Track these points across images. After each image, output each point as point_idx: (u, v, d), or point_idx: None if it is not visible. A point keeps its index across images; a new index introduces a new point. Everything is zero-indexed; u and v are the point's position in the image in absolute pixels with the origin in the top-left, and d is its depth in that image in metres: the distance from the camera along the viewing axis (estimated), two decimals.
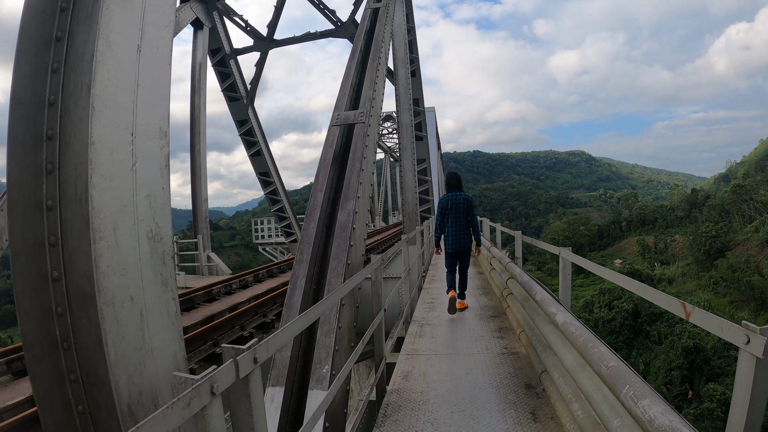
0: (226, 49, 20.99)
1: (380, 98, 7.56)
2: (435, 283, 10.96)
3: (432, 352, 5.75)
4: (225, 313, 10.91)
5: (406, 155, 14.09)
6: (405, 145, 14.19)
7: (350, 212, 5.33)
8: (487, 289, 9.87)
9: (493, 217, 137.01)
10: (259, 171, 22.82)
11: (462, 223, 7.32)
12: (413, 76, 17.85)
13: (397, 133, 14.50)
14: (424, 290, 10.17)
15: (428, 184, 19.75)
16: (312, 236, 5.36)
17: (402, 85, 14.70)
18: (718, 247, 68.21)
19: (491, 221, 21.71)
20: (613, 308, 57.69)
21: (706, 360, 43.62)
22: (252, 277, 15.30)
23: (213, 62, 21.34)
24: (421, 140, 18.92)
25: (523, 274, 6.32)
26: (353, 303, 5.19)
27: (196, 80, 19.68)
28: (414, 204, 13.94)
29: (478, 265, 13.19)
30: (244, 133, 22.08)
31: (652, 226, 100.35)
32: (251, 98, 21.59)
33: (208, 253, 18.75)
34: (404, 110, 14.50)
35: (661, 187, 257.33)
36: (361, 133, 6.18)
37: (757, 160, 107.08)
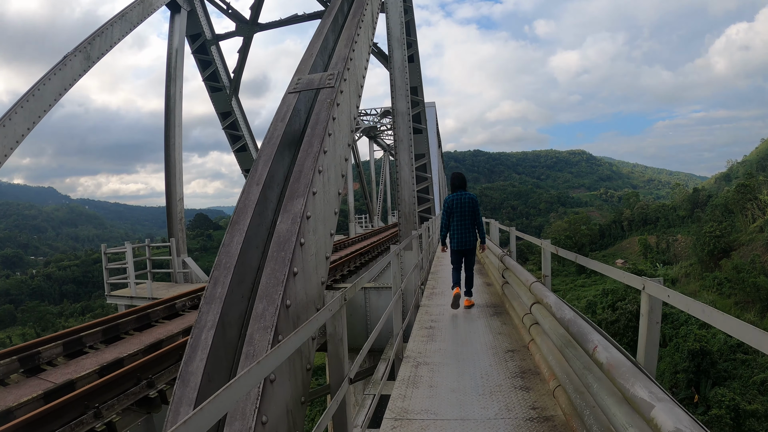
0: (206, 35, 18.97)
1: (362, 64, 5.56)
2: (435, 297, 8.93)
3: (431, 414, 3.98)
4: (178, 336, 8.88)
5: (403, 147, 12.07)
6: (401, 136, 12.18)
7: (296, 217, 3.29)
8: (499, 307, 7.84)
9: (493, 216, 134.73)
10: (245, 168, 20.77)
11: (467, 222, 7.42)
12: (411, 62, 15.84)
13: (392, 123, 12.46)
14: (422, 309, 8.13)
15: (428, 181, 17.73)
16: (234, 257, 3.29)
17: (397, 68, 12.69)
18: (722, 247, 66.35)
19: (487, 220, 19.85)
20: (617, 309, 55.87)
21: (713, 363, 41.94)
22: None
23: (193, 49, 19.32)
24: (420, 133, 16.92)
25: (561, 306, 4.31)
26: (297, 371, 3.13)
27: (171, 68, 17.63)
28: (411, 203, 11.93)
29: (486, 274, 11.19)
30: (227, 126, 20.05)
31: (653, 226, 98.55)
32: (235, 88, 19.57)
33: (184, 258, 16.73)
34: (400, 96, 12.47)
35: (662, 186, 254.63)
36: (327, 101, 4.16)
37: (758, 160, 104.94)
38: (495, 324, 6.82)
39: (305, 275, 3.29)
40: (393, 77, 12.68)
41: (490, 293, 8.98)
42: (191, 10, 18.28)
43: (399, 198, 12.06)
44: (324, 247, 3.76)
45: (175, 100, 17.42)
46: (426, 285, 10.35)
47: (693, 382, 41.84)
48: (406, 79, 12.64)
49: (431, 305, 8.29)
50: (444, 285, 9.99)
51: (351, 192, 34.95)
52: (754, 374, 39.85)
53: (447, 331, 6.62)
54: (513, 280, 7.04)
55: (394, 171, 40.86)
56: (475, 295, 8.59)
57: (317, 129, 3.88)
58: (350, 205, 34.48)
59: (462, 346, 5.92)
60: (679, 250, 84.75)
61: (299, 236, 3.20)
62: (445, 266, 12.55)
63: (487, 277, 10.62)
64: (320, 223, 3.59)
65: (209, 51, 19.17)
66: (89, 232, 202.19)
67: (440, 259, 13.89)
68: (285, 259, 3.07)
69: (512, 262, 7.71)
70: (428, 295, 9.09)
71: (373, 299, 12.56)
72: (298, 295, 3.15)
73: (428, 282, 10.56)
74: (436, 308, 8.05)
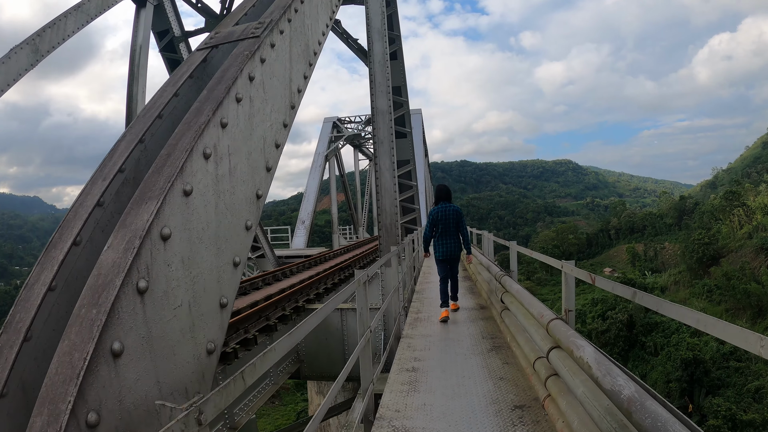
0: (175, 31, 17.38)
1: (317, 25, 4.06)
2: (421, 325, 7.34)
3: None
4: None
5: (383, 150, 10.58)
6: (381, 137, 10.68)
7: (135, 238, 1.75)
8: (497, 338, 6.25)
9: (480, 226, 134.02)
10: None
11: (452, 233, 7.57)
12: (394, 59, 14.42)
13: (372, 123, 10.97)
14: (404, 341, 6.56)
15: (413, 190, 16.23)
16: (31, 312, 1.72)
17: (378, 62, 11.23)
18: (711, 254, 65.83)
19: (478, 230, 18.17)
20: (607, 319, 54.92)
21: (706, 372, 41.09)
22: None
23: (160, 47, 17.73)
24: (405, 138, 15.44)
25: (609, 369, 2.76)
26: None
27: (135, 66, 16.03)
28: (393, 213, 10.42)
29: (478, 294, 9.67)
30: None
31: (641, 234, 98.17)
32: None
33: None
34: (380, 94, 11.00)
35: (647, 194, 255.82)
36: (245, 53, 2.65)
37: (743, 167, 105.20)
38: (494, 364, 5.27)
39: (149, 352, 1.73)
40: (373, 72, 11.21)
41: (485, 318, 7.44)
42: (158, 4, 16.71)
43: (379, 208, 10.54)
44: (212, 292, 2.18)
45: (137, 101, 15.81)
46: (410, 307, 8.82)
47: (686, 391, 40.92)
48: (388, 74, 11.16)
49: (415, 335, 6.73)
50: (431, 308, 8.47)
51: (334, 203, 33.49)
52: (748, 382, 38.98)
53: (434, 375, 5.06)
54: (517, 309, 5.50)
55: None
56: (468, 322, 7.28)
57: (216, 91, 2.37)
58: (334, 216, 32.97)
59: (453, 399, 4.35)
60: (666, 257, 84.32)
61: (134, 275, 1.67)
62: (433, 283, 11.01)
63: (480, 297, 9.10)
64: (203, 246, 2.06)
65: (178, 49, 17.58)
66: None
67: (427, 275, 12.38)
68: (95, 322, 1.53)
69: (516, 285, 6.14)
70: (412, 322, 7.53)
71: (351, 321, 11.01)
72: (124, 398, 1.59)
73: (413, 304, 9.03)
74: (421, 340, 6.49)
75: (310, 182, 27.79)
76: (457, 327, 7.06)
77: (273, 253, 21.14)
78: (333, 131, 32.02)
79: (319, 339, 11.35)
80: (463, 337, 6.45)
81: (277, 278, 15.48)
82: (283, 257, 22.13)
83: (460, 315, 7.74)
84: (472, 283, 10.76)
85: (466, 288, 10.35)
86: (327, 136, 31.21)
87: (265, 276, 15.08)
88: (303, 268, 17.94)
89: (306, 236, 25.75)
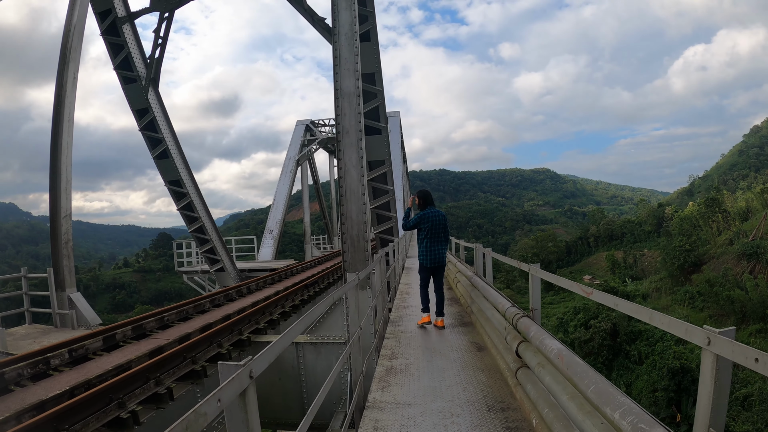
0: (118, 11, 14.90)
1: None
2: (395, 384, 5.00)
3: None
4: None
5: (349, 142, 8.27)
6: (347, 126, 8.38)
7: None
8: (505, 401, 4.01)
9: (459, 235, 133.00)
10: (168, 179, 16.62)
11: (440, 239, 7.11)
12: (366, 40, 12.17)
13: (335, 109, 8.55)
14: (369, 416, 4.24)
15: (389, 195, 13.92)
16: None
17: (344, 33, 8.94)
18: (692, 261, 65.05)
19: (456, 239, 16.17)
20: (590, 328, 53.37)
21: (693, 380, 39.74)
22: (129, 330, 9.19)
23: (102, 30, 15.23)
24: (379, 134, 13.17)
25: None
26: None
27: (67, 50, 13.53)
28: (361, 221, 8.09)
29: (476, 331, 7.41)
30: (144, 126, 15.92)
31: (619, 241, 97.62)
32: (152, 78, 15.51)
33: (70, 293, 12.45)
34: (347, 73, 8.70)
35: (625, 202, 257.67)
36: None
37: (719, 175, 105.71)
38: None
39: None
40: (338, 47, 8.91)
41: (488, 371, 5.17)
42: None
43: (343, 215, 8.20)
44: None
45: (67, 91, 13.29)
46: (383, 345, 6.50)
47: (673, 400, 39.63)
48: (356, 49, 8.86)
49: (386, 406, 4.39)
50: (409, 349, 6.18)
51: (307, 212, 30.97)
52: (735, 390, 37.69)
53: None
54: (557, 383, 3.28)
55: None
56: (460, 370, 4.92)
57: None
58: (306, 225, 30.34)
59: None
60: (646, 264, 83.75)
61: None
62: (413, 307, 8.72)
63: (476, 335, 6.83)
64: None
65: (121, 32, 15.10)
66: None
67: (405, 296, 10.05)
68: None
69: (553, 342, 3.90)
70: (382, 377, 5.19)
71: (310, 358, 8.64)
72: None
73: (386, 341, 6.68)
74: (393, 414, 4.17)
75: (280, 188, 25.29)
76: (445, 379, 4.81)
77: (234, 267, 18.63)
78: (306, 135, 29.57)
79: (272, 379, 9.01)
80: (459, 404, 4.14)
81: (230, 298, 13.02)
82: (246, 270, 19.62)
83: (450, 365, 5.46)
84: (462, 309, 8.47)
85: (449, 300, 8.13)
86: (299, 140, 28.75)
87: (215, 296, 12.60)
88: (264, 284, 15.48)
89: (274, 247, 23.27)
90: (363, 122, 8.51)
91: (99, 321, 12.39)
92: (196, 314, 11.29)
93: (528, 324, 3.77)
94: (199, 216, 16.93)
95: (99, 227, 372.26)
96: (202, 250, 17.85)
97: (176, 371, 7.13)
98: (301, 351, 8.49)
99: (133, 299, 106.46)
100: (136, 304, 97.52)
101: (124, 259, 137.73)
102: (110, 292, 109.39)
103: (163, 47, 15.31)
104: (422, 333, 7.03)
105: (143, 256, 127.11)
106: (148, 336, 9.69)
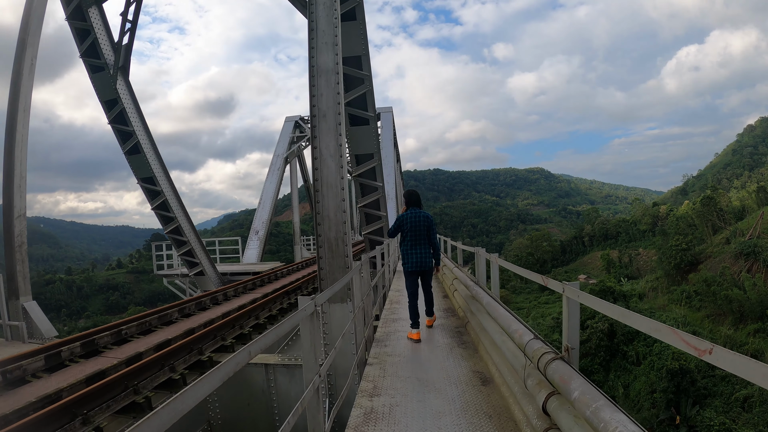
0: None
1: None
2: (381, 406, 3.76)
3: None
4: None
5: (326, 126, 6.90)
6: (323, 108, 7.00)
7: None
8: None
9: (454, 235, 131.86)
10: (141, 176, 15.25)
11: (423, 242, 6.66)
12: (352, 19, 10.85)
13: (310, 89, 7.16)
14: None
15: (379, 192, 12.60)
16: None
17: (322, 3, 7.63)
18: (688, 260, 64.11)
19: (452, 239, 14.99)
20: (588, 328, 52.44)
21: (693, 381, 38.82)
22: (78, 347, 7.86)
23: (67, 14, 13.86)
24: (367, 124, 11.86)
25: None
26: None
27: (26, 34, 12.16)
28: (340, 222, 6.74)
29: (477, 356, 6.13)
30: (114, 119, 14.55)
31: (614, 241, 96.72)
32: (121, 66, 14.14)
33: (24, 302, 11.06)
34: (324, 47, 7.37)
35: (619, 201, 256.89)
36: None
37: (713, 174, 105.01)
38: None
39: None
40: (315, 17, 7.56)
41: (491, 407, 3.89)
42: None
43: (319, 214, 6.82)
44: None
45: (25, 76, 11.93)
46: (364, 375, 5.19)
47: (673, 401, 38.68)
48: (336, 20, 7.51)
49: None
50: (397, 381, 4.88)
51: (296, 211, 29.56)
52: (735, 391, 36.75)
53: None
54: None
55: (350, 186, 35.71)
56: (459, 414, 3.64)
57: None
58: (296, 225, 28.81)
59: None
60: (641, 263, 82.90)
61: None
62: (403, 321, 7.42)
63: (478, 361, 5.55)
64: None
65: (87, 16, 13.72)
66: (43, 251, 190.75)
67: (395, 307, 8.75)
68: None
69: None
70: (358, 427, 3.90)
71: (282, 381, 7.32)
72: None
73: (368, 369, 5.36)
74: None
75: (267, 187, 23.89)
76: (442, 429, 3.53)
77: (215, 270, 17.25)
78: (295, 131, 28.13)
79: (240, 403, 7.70)
80: None
81: (202, 306, 11.68)
82: (228, 274, 18.26)
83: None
84: (467, 334, 7.17)
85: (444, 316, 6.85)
86: (288, 137, 27.30)
87: (185, 305, 11.26)
88: (244, 289, 14.14)
89: (260, 248, 21.89)
90: (343, 104, 7.17)
91: (54, 333, 11.01)
92: (160, 326, 9.95)
93: (565, 373, 2.47)
94: (174, 216, 15.56)
95: (93, 228, 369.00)
96: (180, 252, 16.48)
97: (114, 403, 5.81)
98: (272, 373, 7.18)
99: (127, 300, 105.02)
100: (129, 306, 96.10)
101: (117, 260, 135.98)
102: (104, 293, 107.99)
103: (133, 33, 13.95)
104: (413, 355, 5.75)
105: (137, 257, 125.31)
106: (100, 353, 8.37)
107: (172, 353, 7.17)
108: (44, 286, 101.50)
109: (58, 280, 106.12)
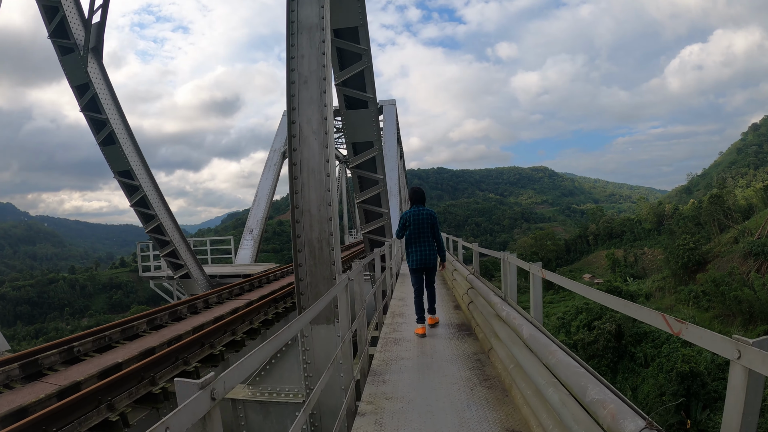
0: None
1: None
2: None
3: None
4: None
5: (308, 97, 5.25)
6: (304, 73, 5.34)
7: None
8: None
9: (457, 233, 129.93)
10: (117, 170, 13.71)
11: (428, 238, 6.55)
12: None
13: (288, 49, 5.62)
14: None
15: (379, 186, 11.01)
16: None
17: None
18: (696, 259, 62.34)
19: (455, 237, 13.48)
20: (594, 329, 50.84)
21: (703, 384, 37.27)
22: (17, 368, 6.33)
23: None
24: (365, 107, 10.27)
25: None
26: None
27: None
28: (325, 219, 5.19)
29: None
30: (85, 106, 13.00)
31: (619, 240, 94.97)
32: (93, 47, 12.58)
33: None
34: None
35: (623, 200, 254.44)
36: None
37: (717, 173, 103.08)
38: None
39: None
40: None
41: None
42: None
43: (298, 208, 5.23)
44: None
45: None
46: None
47: (682, 405, 37.14)
48: None
49: None
50: (402, 419, 3.32)
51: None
52: None
53: None
54: None
55: (350, 185, 33.82)
56: None
57: None
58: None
59: None
60: (647, 263, 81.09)
61: None
62: (408, 342, 5.84)
63: (519, 417, 3.98)
64: None
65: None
66: (47, 250, 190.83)
67: (401, 309, 7.16)
68: None
69: None
70: None
71: (255, 420, 5.73)
72: None
73: (360, 418, 3.80)
74: None
75: (263, 184, 22.28)
76: None
77: (202, 272, 15.70)
78: None
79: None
80: None
81: (177, 316, 10.11)
82: (217, 276, 16.69)
83: None
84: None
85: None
86: (285, 130, 25.69)
87: (158, 314, 9.69)
88: (230, 295, 12.58)
89: (254, 248, 20.30)
90: (330, 67, 5.54)
91: (7, 347, 9.47)
92: (122, 341, 8.40)
93: None
94: (155, 213, 13.99)
95: (97, 227, 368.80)
96: (163, 253, 14.93)
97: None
98: (242, 410, 5.61)
99: (130, 299, 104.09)
100: (132, 304, 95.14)
101: (121, 258, 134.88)
102: (107, 291, 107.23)
103: (105, 10, 12.38)
104: (419, 397, 4.17)
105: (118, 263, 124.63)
106: (44, 376, 6.82)
107: (117, 382, 5.61)
108: (48, 284, 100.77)
109: (61, 278, 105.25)
